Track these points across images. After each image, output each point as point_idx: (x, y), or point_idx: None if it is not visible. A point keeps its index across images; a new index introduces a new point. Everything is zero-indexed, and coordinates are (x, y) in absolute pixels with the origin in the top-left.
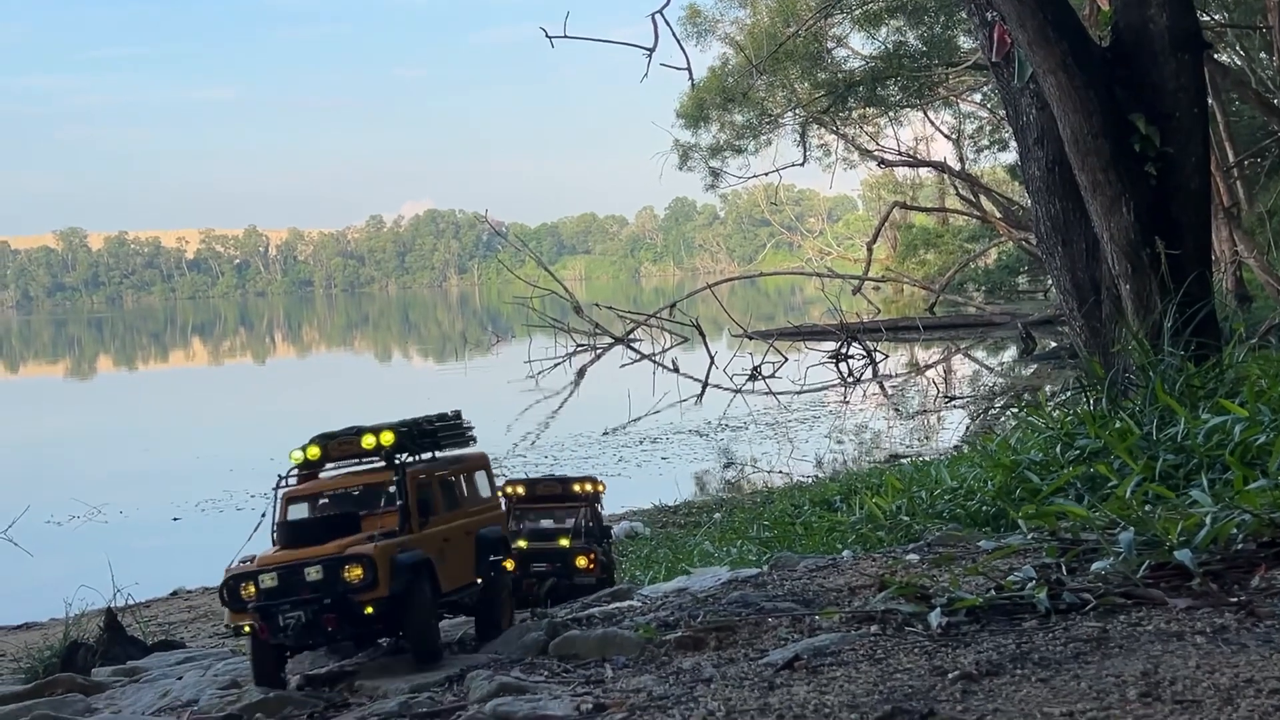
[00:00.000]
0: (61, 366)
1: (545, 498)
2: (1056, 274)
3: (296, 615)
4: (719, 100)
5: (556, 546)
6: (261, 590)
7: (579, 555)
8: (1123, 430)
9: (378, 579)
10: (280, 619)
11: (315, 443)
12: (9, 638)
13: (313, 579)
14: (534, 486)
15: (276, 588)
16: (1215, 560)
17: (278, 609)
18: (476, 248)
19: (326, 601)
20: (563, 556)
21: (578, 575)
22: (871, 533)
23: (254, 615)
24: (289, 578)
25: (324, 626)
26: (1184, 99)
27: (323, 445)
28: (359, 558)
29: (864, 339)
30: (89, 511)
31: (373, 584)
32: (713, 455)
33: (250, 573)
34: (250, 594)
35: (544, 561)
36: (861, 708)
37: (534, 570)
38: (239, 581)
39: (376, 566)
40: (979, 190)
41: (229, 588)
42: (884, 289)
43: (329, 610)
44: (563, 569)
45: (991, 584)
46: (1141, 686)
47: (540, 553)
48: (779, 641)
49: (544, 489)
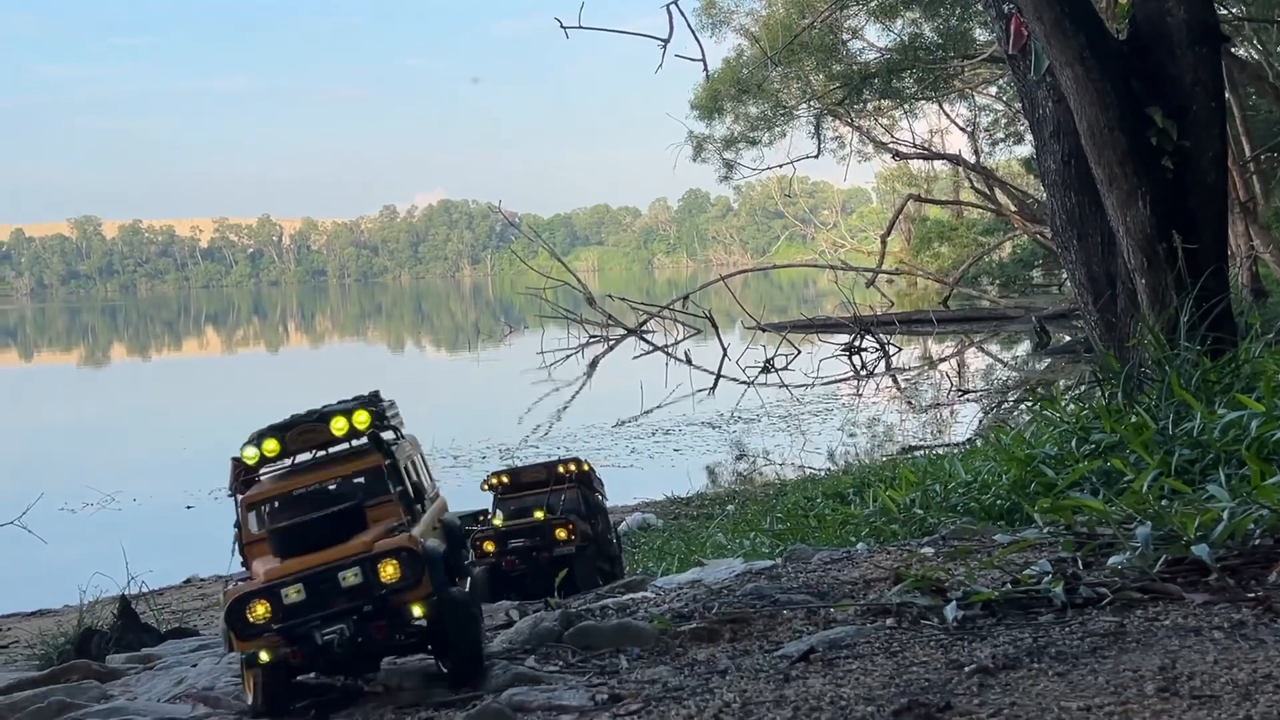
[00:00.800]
0: (75, 354)
1: (530, 484)
2: (1072, 268)
3: (338, 630)
4: (733, 92)
5: (532, 521)
6: (285, 607)
7: (556, 527)
8: (1138, 425)
9: (420, 575)
10: (317, 638)
11: (270, 435)
12: (23, 624)
13: (350, 584)
14: (518, 475)
15: (304, 601)
16: (1232, 556)
17: (310, 627)
18: (490, 238)
19: (367, 609)
20: (539, 530)
21: (557, 546)
22: (885, 526)
23: (275, 640)
24: (319, 587)
25: (374, 639)
26: (1201, 93)
27: (279, 438)
28: (395, 552)
29: (877, 332)
30: (103, 499)
31: (415, 582)
32: (725, 447)
33: (265, 588)
34: (265, 615)
35: (521, 537)
36: (877, 700)
37: (512, 546)
38: (248, 602)
39: (417, 560)
40: (994, 183)
41: (235, 612)
42: (898, 282)
43: (375, 618)
44: (541, 541)
45: (1007, 578)
46: (1159, 681)
47: (517, 530)
48: (794, 634)
49: (528, 476)
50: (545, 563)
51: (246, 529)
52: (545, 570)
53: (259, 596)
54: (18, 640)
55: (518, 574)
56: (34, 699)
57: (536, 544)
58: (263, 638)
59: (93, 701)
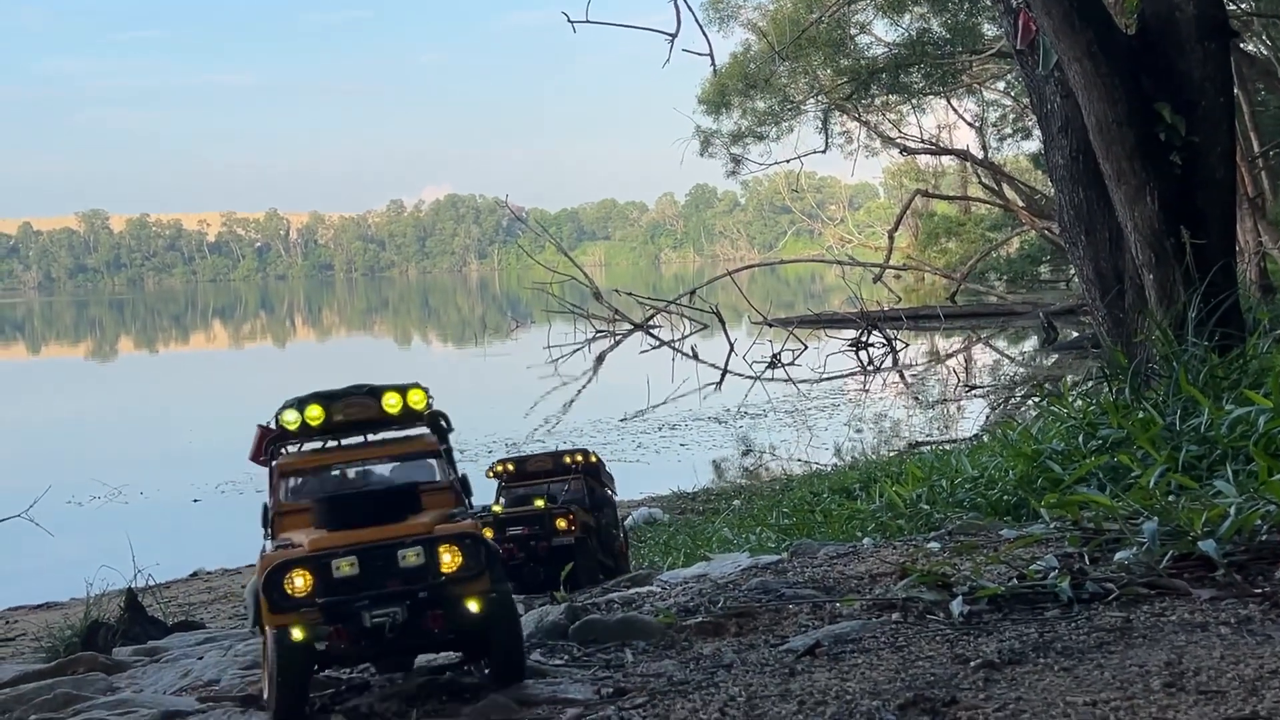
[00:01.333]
0: (83, 348)
1: (536, 473)
2: (1079, 263)
3: (391, 614)
4: (741, 86)
5: (532, 509)
6: (335, 581)
7: (557, 517)
8: (1146, 420)
9: (482, 567)
10: (366, 619)
11: (315, 402)
12: (30, 617)
13: (409, 564)
14: (524, 463)
15: (357, 576)
16: (1239, 551)
17: (359, 606)
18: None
19: (423, 595)
20: (539, 519)
21: (556, 536)
22: (892, 521)
23: (315, 615)
24: (375, 563)
25: (427, 629)
26: (1210, 88)
27: (325, 406)
28: (459, 538)
29: (884, 327)
30: (110, 492)
31: (476, 573)
32: (732, 442)
33: (312, 557)
34: (307, 587)
35: (520, 525)
36: (883, 695)
37: (510, 534)
38: (289, 570)
39: (480, 550)
40: (1002, 179)
41: (273, 581)
42: (905, 277)
43: (431, 606)
44: (540, 531)
45: (1014, 573)
46: (1165, 677)
47: (517, 517)
48: (799, 628)
49: (535, 465)
50: (544, 553)
51: (277, 496)
52: (544, 560)
53: (304, 566)
54: (25, 633)
55: (516, 563)
56: (40, 691)
57: (535, 533)
58: (300, 612)
59: (99, 694)
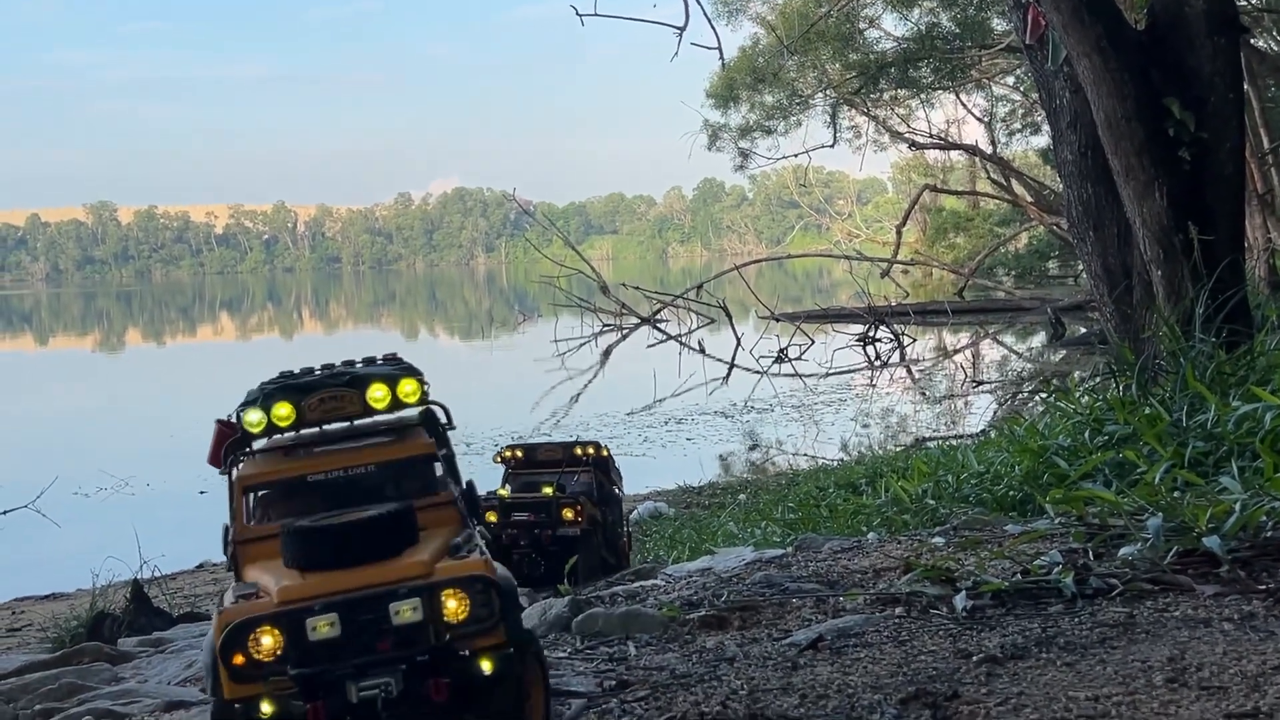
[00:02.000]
0: (90, 339)
1: (545, 462)
2: (1087, 259)
3: (383, 685)
4: (749, 80)
5: (540, 496)
6: (311, 645)
7: (564, 506)
8: (1152, 416)
9: (496, 617)
10: (351, 692)
11: (283, 398)
12: (36, 607)
13: (405, 620)
14: (533, 451)
15: (338, 639)
16: (1244, 548)
17: (342, 676)
18: (504, 226)
19: (422, 659)
20: (546, 507)
21: (561, 527)
22: (897, 516)
23: (285, 686)
24: (360, 620)
25: (427, 700)
26: (1220, 84)
27: (296, 403)
28: (466, 581)
29: (892, 322)
30: (116, 484)
31: (489, 625)
32: (738, 437)
33: (283, 614)
34: (276, 649)
35: (525, 511)
36: (885, 689)
37: (514, 520)
38: (254, 630)
39: (493, 594)
40: (1010, 174)
41: (234, 642)
42: (913, 272)
43: (432, 671)
44: (545, 519)
45: (1018, 568)
46: (1168, 672)
47: (522, 503)
48: (803, 622)
49: (544, 454)
50: (547, 542)
51: (242, 520)
52: (546, 551)
53: (271, 624)
54: (31, 623)
55: (518, 553)
56: (45, 680)
57: (540, 521)
58: (270, 681)
59: (104, 684)
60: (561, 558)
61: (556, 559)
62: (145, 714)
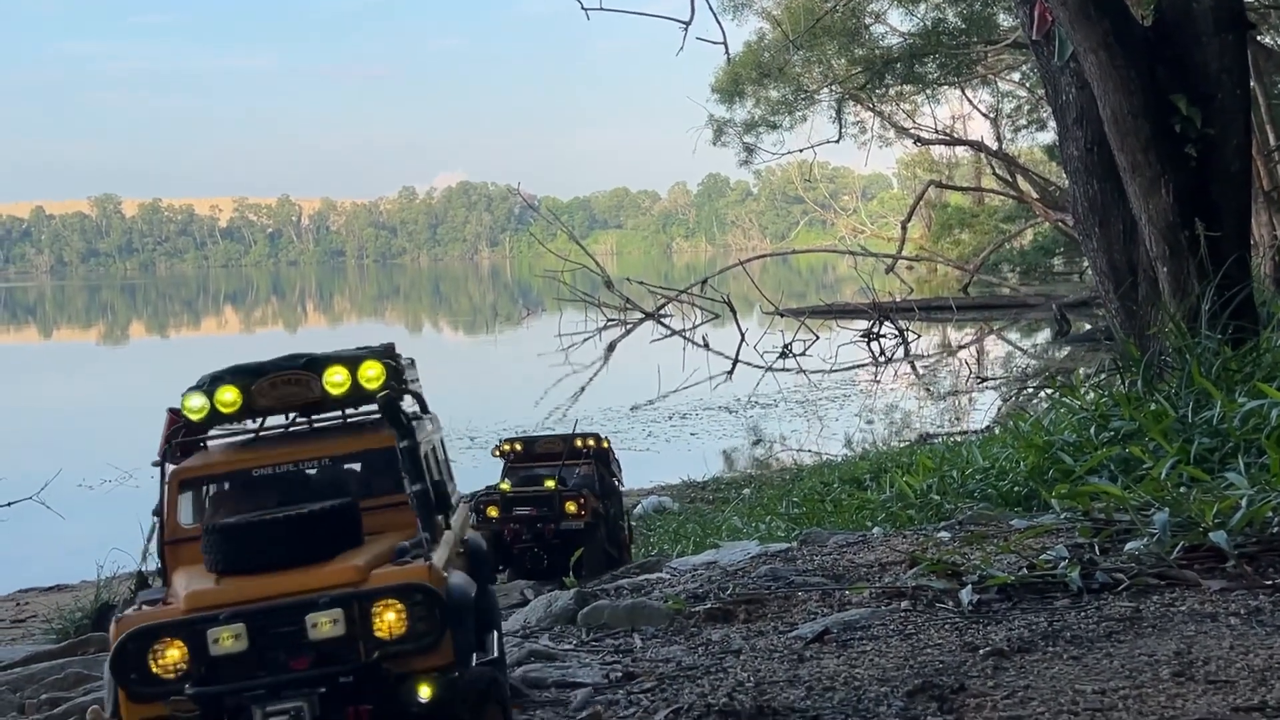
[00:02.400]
0: (95, 332)
1: (544, 455)
2: (1093, 255)
3: (294, 709)
4: (754, 75)
5: (542, 490)
6: (219, 659)
7: (567, 500)
8: (1158, 412)
9: (439, 633)
10: (257, 715)
11: (229, 382)
12: (41, 599)
13: (323, 634)
14: (533, 444)
15: (245, 654)
16: (1250, 543)
17: (249, 698)
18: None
19: (346, 680)
20: (549, 500)
21: (565, 520)
22: (902, 511)
23: (187, 708)
24: (270, 632)
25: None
26: (1227, 80)
27: (242, 386)
28: (401, 590)
29: (896, 318)
30: (120, 476)
31: (429, 643)
32: (742, 432)
33: (183, 623)
34: (177, 665)
35: (528, 505)
36: (891, 681)
37: (517, 514)
38: (154, 641)
39: (435, 607)
40: (1016, 170)
41: (129, 654)
42: (918, 268)
43: (355, 696)
44: (549, 513)
45: (1024, 562)
46: (1174, 666)
47: (524, 497)
48: (808, 615)
49: (543, 446)
50: (550, 536)
51: (173, 518)
52: (549, 545)
53: (172, 634)
54: (35, 614)
55: (521, 547)
56: (51, 670)
57: (544, 515)
58: (169, 701)
59: None
60: (565, 551)
61: (560, 552)
62: None
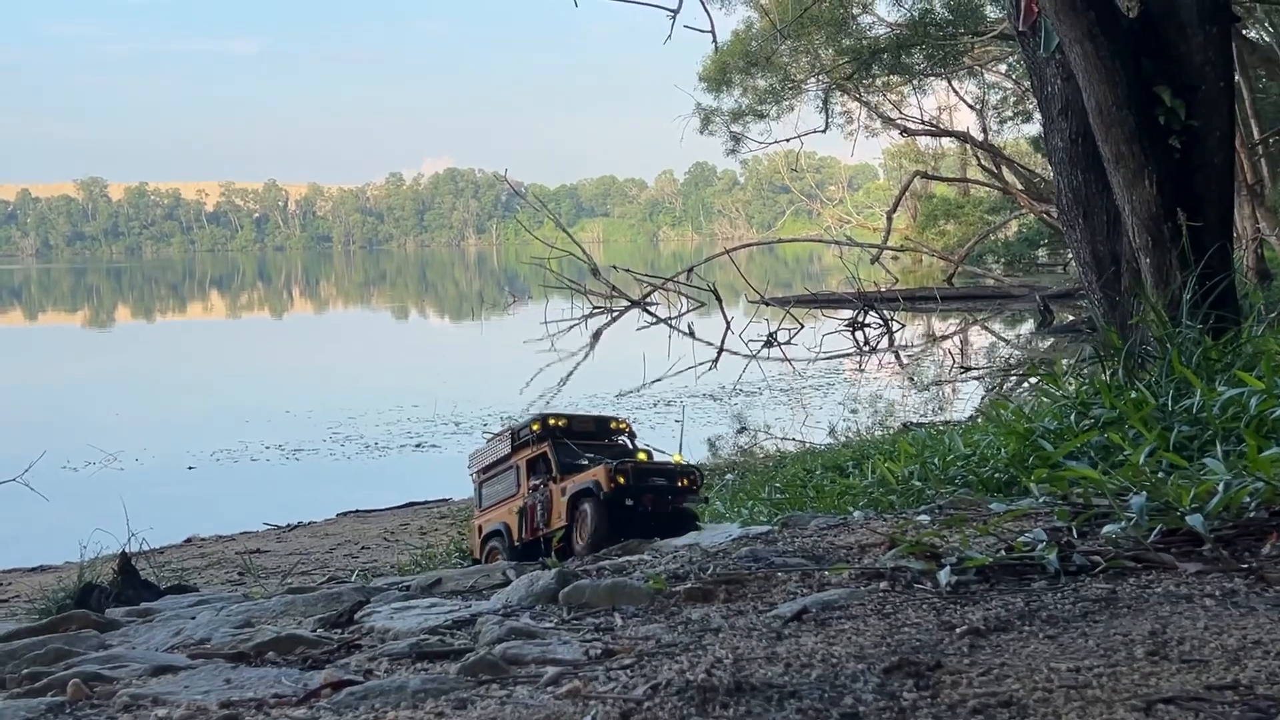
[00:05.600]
0: (80, 315)
1: (580, 434)
2: (1077, 246)
3: None
4: (742, 64)
5: (672, 464)
6: None
7: (682, 475)
8: (1138, 401)
9: None
10: None
11: None
12: (24, 579)
13: None
14: (572, 422)
15: None
16: (1227, 527)
17: None
18: (495, 207)
19: None
20: (675, 473)
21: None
22: (883, 496)
23: None
24: None
25: None
26: (1211, 73)
27: None
28: None
29: (881, 308)
30: (105, 459)
31: None
32: (726, 420)
33: None
34: None
35: (663, 477)
36: (868, 659)
37: (654, 484)
38: None
39: None
40: (1001, 161)
41: None
42: (903, 259)
43: None
44: (670, 485)
45: (1002, 545)
46: (1149, 645)
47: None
48: (788, 595)
49: (580, 425)
50: (671, 510)
51: None
52: (667, 517)
53: None
54: (18, 594)
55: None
56: (32, 646)
57: (671, 488)
58: None
59: (91, 650)
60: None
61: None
62: (132, 678)
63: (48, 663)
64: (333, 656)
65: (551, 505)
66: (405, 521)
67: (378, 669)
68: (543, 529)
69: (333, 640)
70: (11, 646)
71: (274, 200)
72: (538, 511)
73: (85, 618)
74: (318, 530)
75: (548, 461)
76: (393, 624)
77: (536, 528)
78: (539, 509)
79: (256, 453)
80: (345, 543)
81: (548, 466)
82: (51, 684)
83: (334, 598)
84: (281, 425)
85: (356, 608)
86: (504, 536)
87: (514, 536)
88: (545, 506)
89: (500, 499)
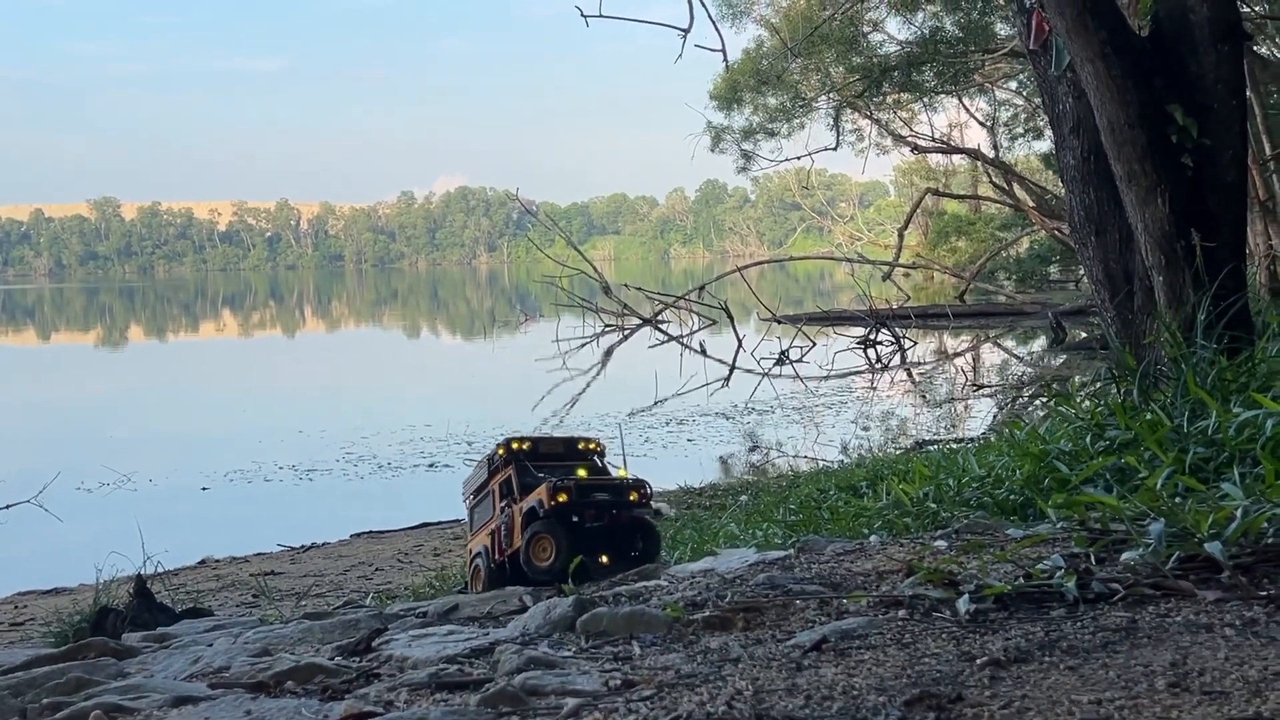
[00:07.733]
0: (93, 335)
1: (547, 455)
2: (1089, 264)
3: None
4: (753, 83)
5: (615, 478)
6: None
7: (631, 489)
8: (1153, 422)
9: None
10: None
11: None
12: (39, 602)
13: None
14: (538, 444)
15: None
16: (1245, 554)
17: None
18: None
19: None
20: (619, 488)
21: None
22: (898, 519)
23: None
24: None
25: None
26: (1223, 91)
27: None
28: None
29: (893, 325)
30: (119, 479)
31: None
32: (739, 438)
33: None
34: None
35: (605, 491)
36: (889, 690)
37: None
38: None
39: None
40: (1012, 178)
41: None
42: (914, 276)
43: None
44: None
45: (1020, 572)
46: (1170, 677)
47: (599, 484)
48: (806, 623)
49: (546, 447)
50: (624, 522)
51: None
52: (620, 531)
53: None
54: (34, 618)
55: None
56: (52, 675)
57: (617, 501)
58: None
59: (110, 679)
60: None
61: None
62: (153, 709)
63: (68, 692)
64: (352, 686)
65: (513, 526)
66: (419, 542)
67: (398, 700)
68: (507, 549)
69: (351, 669)
70: (31, 675)
71: (286, 219)
72: (502, 533)
73: (104, 645)
74: (332, 551)
75: (510, 485)
76: (411, 652)
77: (503, 548)
78: (503, 530)
79: (270, 473)
80: (359, 564)
81: (509, 489)
82: (73, 715)
83: (351, 624)
84: (295, 445)
85: (374, 635)
86: (485, 557)
87: (490, 558)
88: (508, 528)
89: (482, 523)
